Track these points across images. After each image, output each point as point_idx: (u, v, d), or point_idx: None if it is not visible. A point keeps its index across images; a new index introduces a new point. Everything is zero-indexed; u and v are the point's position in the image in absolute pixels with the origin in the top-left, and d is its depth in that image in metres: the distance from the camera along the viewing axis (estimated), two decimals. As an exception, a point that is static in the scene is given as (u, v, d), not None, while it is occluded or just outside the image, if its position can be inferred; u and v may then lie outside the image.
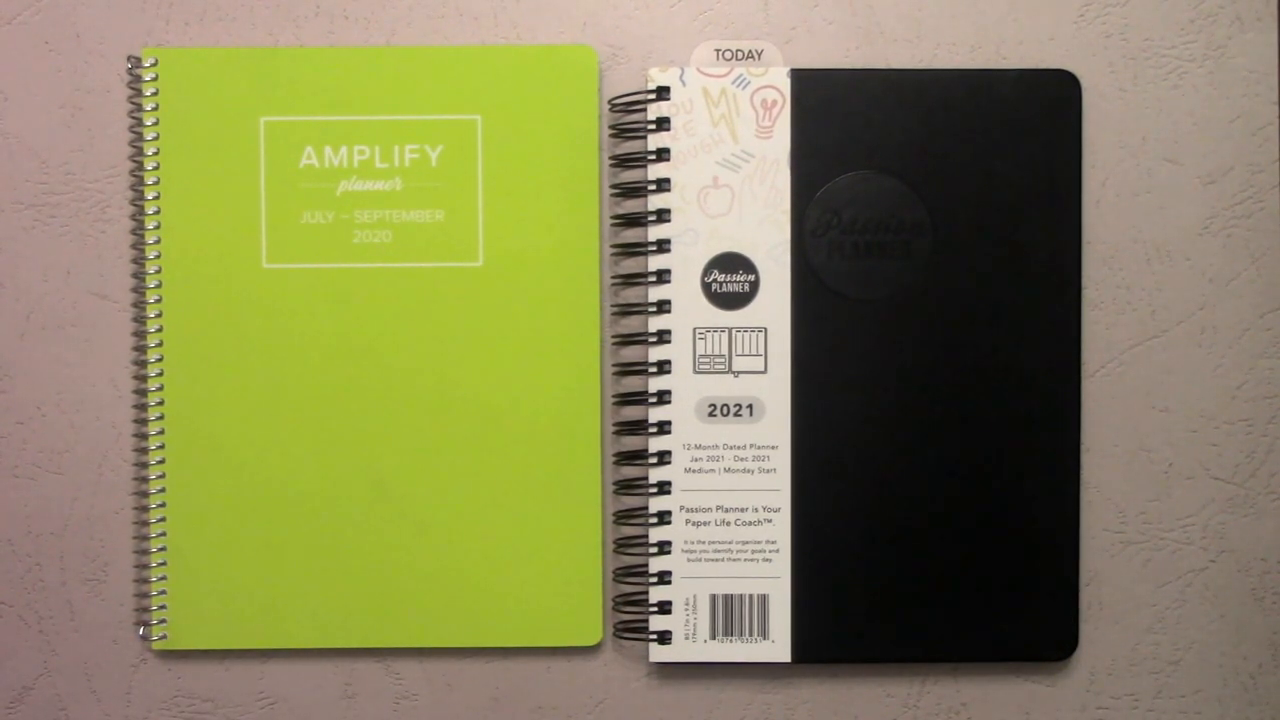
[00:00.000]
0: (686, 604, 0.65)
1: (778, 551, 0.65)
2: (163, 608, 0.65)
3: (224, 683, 0.66)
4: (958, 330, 0.64)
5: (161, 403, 0.64)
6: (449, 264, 0.65)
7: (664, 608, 0.65)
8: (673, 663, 0.66)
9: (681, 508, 0.65)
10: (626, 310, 0.65)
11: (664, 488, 0.65)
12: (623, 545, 0.65)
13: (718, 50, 0.65)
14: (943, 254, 0.64)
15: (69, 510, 0.65)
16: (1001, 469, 0.65)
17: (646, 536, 0.65)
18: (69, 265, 0.65)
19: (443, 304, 0.65)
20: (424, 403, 0.65)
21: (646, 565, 0.65)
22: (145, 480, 0.65)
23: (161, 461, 0.65)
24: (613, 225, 0.65)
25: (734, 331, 0.64)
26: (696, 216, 0.64)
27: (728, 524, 0.65)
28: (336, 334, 0.65)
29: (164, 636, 0.65)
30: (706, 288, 0.64)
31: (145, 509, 0.65)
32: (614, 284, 0.65)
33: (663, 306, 0.64)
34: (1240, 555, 0.66)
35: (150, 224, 0.65)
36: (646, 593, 0.65)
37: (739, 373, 0.64)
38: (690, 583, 0.65)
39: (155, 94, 0.64)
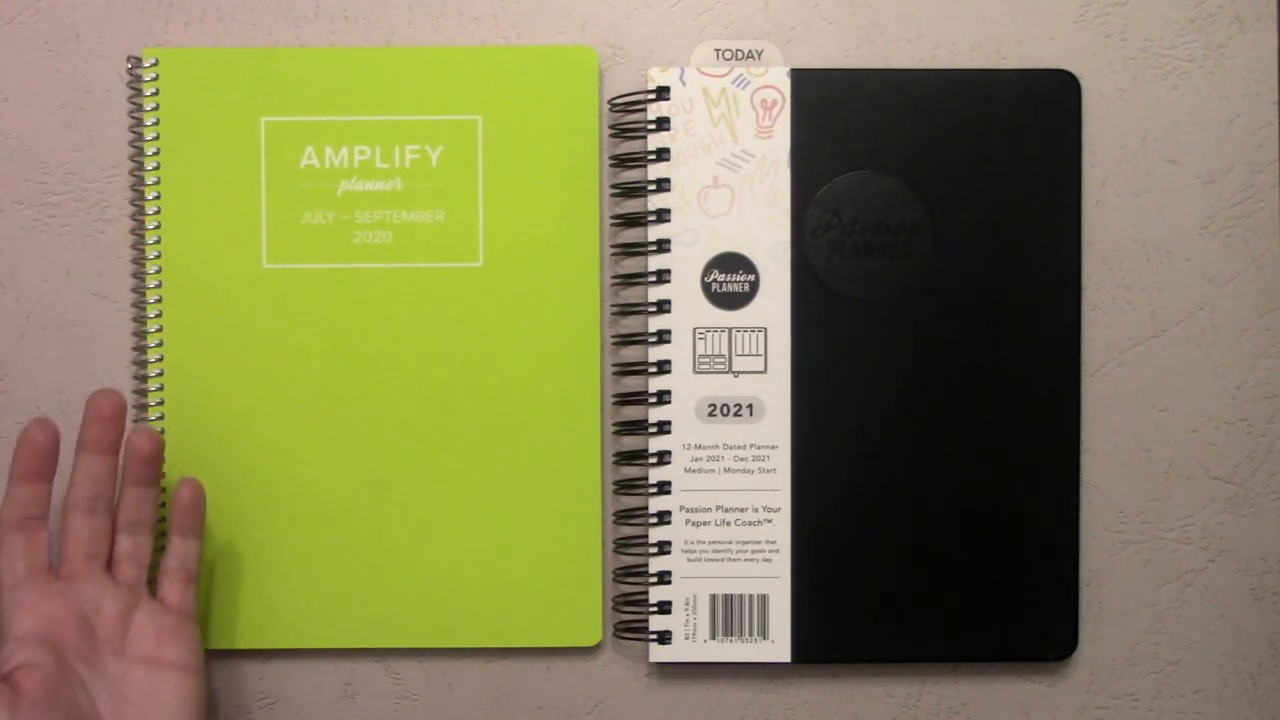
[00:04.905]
0: (686, 604, 0.65)
1: (778, 551, 0.65)
2: (163, 608, 0.65)
3: (224, 683, 0.66)
4: (958, 330, 0.64)
5: (162, 403, 0.64)
6: (449, 264, 0.65)
7: (664, 608, 0.65)
8: (673, 663, 0.66)
9: (681, 508, 0.65)
10: (626, 310, 0.65)
11: (664, 488, 0.65)
12: (623, 545, 0.65)
13: (718, 50, 0.65)
14: (943, 254, 0.64)
15: (69, 510, 0.65)
16: (1001, 469, 0.65)
17: (646, 536, 0.65)
18: (69, 265, 0.65)
19: (443, 304, 0.65)
20: (424, 403, 0.65)
21: (646, 565, 0.65)
22: (145, 480, 0.65)
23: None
24: (613, 225, 0.65)
25: (734, 331, 0.64)
26: (696, 216, 0.64)
27: (728, 524, 0.65)
28: (337, 334, 0.65)
29: (164, 636, 0.65)
30: (706, 288, 0.64)
31: (145, 509, 0.65)
32: (614, 284, 0.65)
33: (663, 306, 0.64)
34: (1240, 555, 0.66)
35: (150, 224, 0.65)
36: (646, 593, 0.65)
37: (739, 373, 0.64)
38: (690, 583, 0.65)
39: (155, 94, 0.64)
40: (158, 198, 0.65)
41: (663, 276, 0.64)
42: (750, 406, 0.64)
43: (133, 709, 0.57)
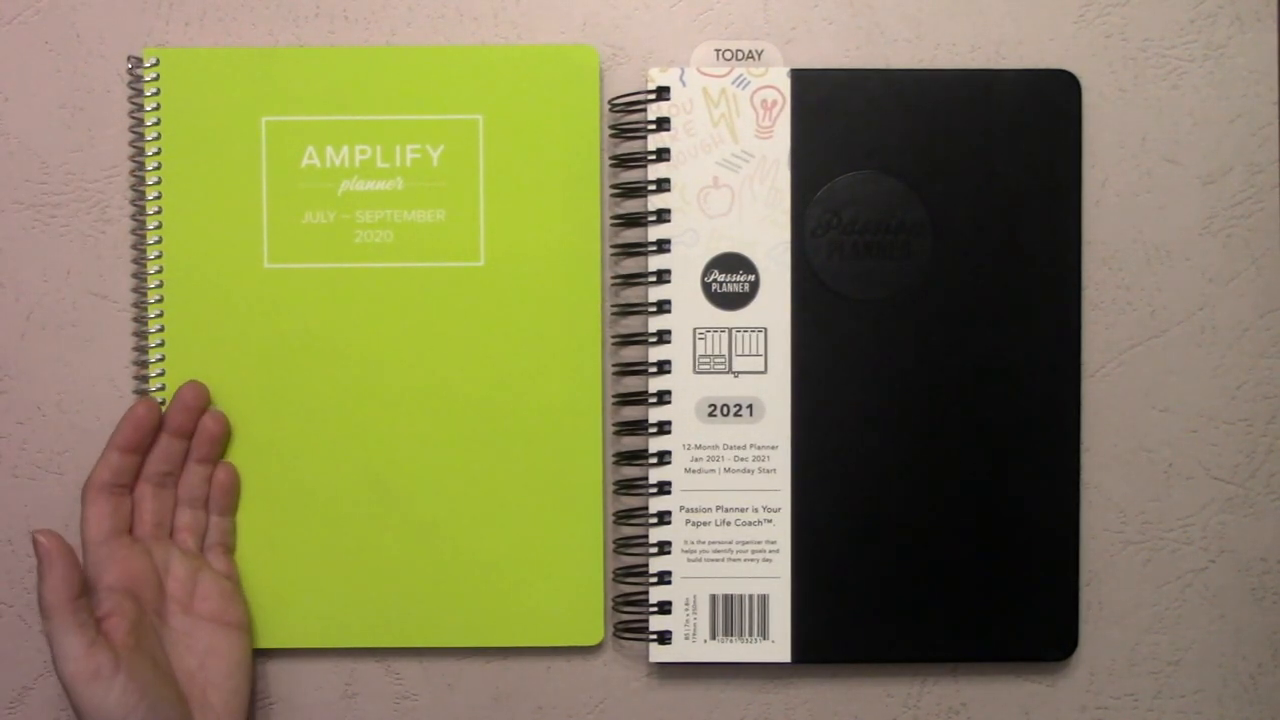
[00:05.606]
0: (686, 604, 0.65)
1: (778, 551, 0.65)
2: (163, 608, 0.65)
3: (224, 683, 0.66)
4: (958, 330, 0.64)
5: (162, 403, 0.64)
6: (450, 264, 0.65)
7: (664, 608, 0.65)
8: (673, 663, 0.65)
9: (681, 508, 0.65)
10: (627, 310, 0.65)
11: (664, 488, 0.65)
12: (623, 545, 0.65)
13: (718, 50, 0.65)
14: (943, 254, 0.64)
15: (69, 510, 0.65)
16: (1001, 469, 0.65)
17: (646, 536, 0.65)
18: (69, 265, 0.65)
19: (444, 304, 0.65)
20: (425, 402, 0.65)
21: (646, 565, 0.65)
22: (145, 480, 0.65)
23: (162, 461, 0.65)
24: (613, 225, 0.65)
25: (734, 331, 0.64)
26: (696, 216, 0.64)
27: (728, 524, 0.65)
28: (338, 334, 0.65)
29: (164, 636, 0.65)
30: (706, 288, 0.64)
31: (145, 509, 0.65)
32: (614, 284, 0.65)
33: (663, 306, 0.64)
34: (1240, 555, 0.66)
35: (150, 224, 0.65)
36: (646, 593, 0.65)
37: (739, 373, 0.64)
38: (690, 583, 0.65)
39: (156, 94, 0.64)
40: (158, 198, 0.65)
41: (663, 277, 0.64)
42: (750, 406, 0.64)
43: (196, 662, 0.62)
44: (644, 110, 0.64)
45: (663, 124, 0.64)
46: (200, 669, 0.62)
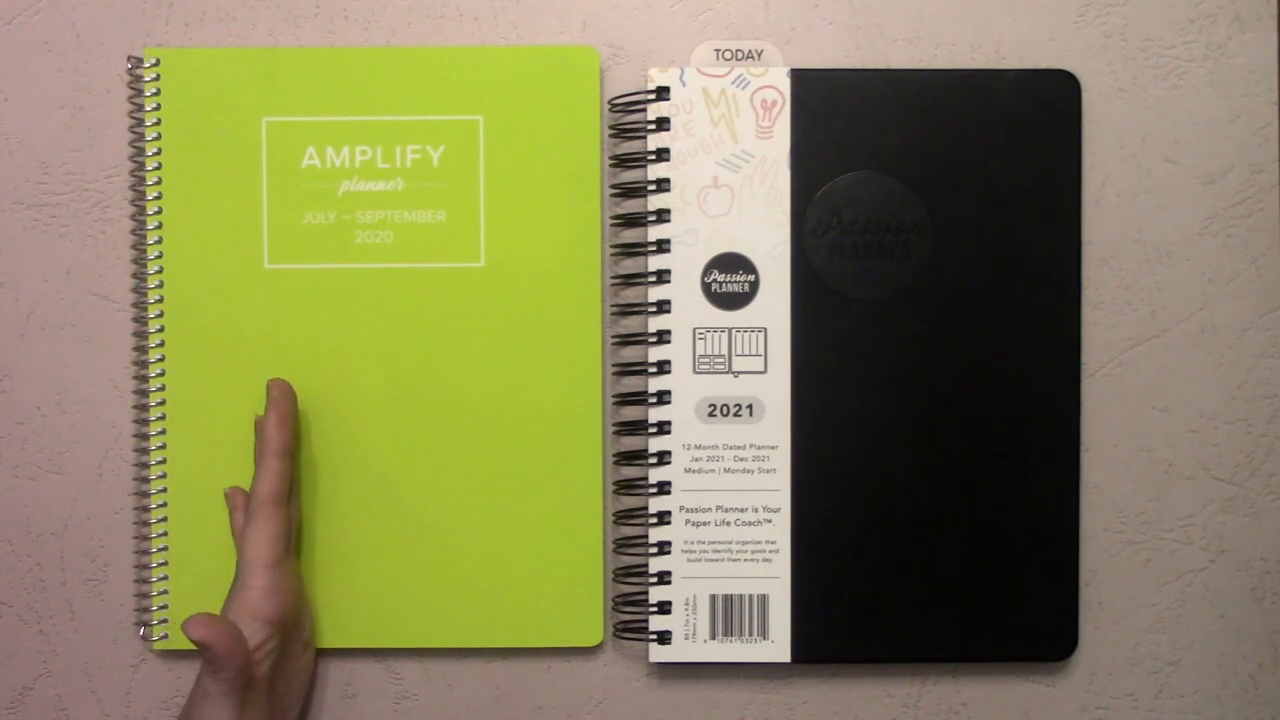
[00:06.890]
0: (686, 604, 0.65)
1: (778, 551, 0.65)
2: (163, 608, 0.65)
3: (224, 683, 0.66)
4: (958, 330, 0.64)
5: (162, 403, 0.64)
6: (450, 264, 0.65)
7: (664, 608, 0.65)
8: (673, 663, 0.66)
9: (681, 508, 0.65)
10: (626, 310, 0.65)
11: (664, 488, 0.65)
12: (623, 545, 0.65)
13: (718, 50, 0.65)
14: (943, 254, 0.64)
15: (69, 510, 0.65)
16: (1001, 469, 0.65)
17: (646, 537, 0.65)
18: (69, 265, 0.65)
19: (444, 304, 0.65)
20: (425, 403, 0.65)
21: (646, 565, 0.65)
22: (145, 480, 0.65)
23: (162, 461, 0.65)
24: (613, 225, 0.65)
25: (734, 331, 0.64)
26: (696, 216, 0.64)
27: (727, 524, 0.65)
28: (338, 334, 0.65)
29: (164, 636, 0.65)
30: (706, 288, 0.64)
31: (145, 509, 0.65)
32: (614, 284, 0.65)
33: (663, 306, 0.64)
34: (1240, 555, 0.66)
35: (151, 224, 0.65)
36: (646, 593, 0.65)
37: (739, 373, 0.64)
38: (690, 583, 0.65)
39: (156, 94, 0.64)
40: (158, 198, 0.64)
41: (663, 277, 0.64)
42: (750, 406, 0.64)
43: (285, 684, 0.62)
44: (644, 110, 0.64)
45: (662, 124, 0.64)
46: (286, 691, 0.62)
